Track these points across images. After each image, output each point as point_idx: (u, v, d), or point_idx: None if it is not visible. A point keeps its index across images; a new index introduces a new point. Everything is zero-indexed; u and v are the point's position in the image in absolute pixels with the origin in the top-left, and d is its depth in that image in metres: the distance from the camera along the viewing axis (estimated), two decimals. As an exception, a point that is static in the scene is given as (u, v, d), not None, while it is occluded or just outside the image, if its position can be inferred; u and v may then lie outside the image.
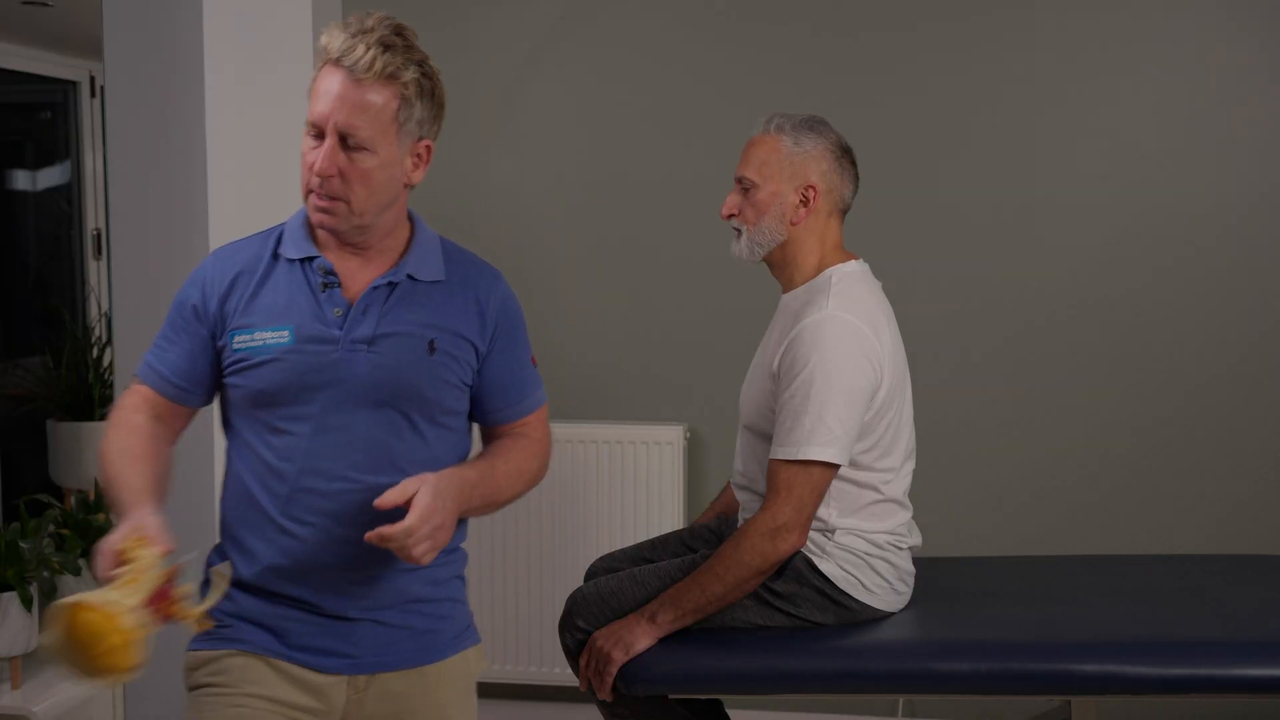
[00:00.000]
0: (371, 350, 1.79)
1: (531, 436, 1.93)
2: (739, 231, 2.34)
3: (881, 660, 2.20)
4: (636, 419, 3.32)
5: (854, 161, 2.34)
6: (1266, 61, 3.11)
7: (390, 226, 1.83)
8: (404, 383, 1.79)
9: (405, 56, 1.75)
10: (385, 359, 1.79)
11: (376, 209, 1.78)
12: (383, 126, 1.75)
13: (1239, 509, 3.17)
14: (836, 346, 2.17)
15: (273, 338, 1.79)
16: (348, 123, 1.73)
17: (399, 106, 1.75)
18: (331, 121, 1.74)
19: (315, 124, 1.76)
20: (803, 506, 2.17)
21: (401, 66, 1.74)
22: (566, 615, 2.33)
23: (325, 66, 1.77)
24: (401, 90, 1.75)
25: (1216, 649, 2.15)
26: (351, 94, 1.73)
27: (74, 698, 2.71)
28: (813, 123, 2.31)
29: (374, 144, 1.74)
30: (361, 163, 1.74)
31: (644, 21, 3.33)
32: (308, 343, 1.78)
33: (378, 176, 1.76)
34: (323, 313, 1.79)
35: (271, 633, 1.81)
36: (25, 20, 2.84)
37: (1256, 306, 3.14)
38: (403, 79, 1.74)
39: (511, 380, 1.90)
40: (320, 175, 1.74)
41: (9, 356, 2.98)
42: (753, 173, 2.30)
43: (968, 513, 3.25)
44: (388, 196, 1.79)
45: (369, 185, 1.76)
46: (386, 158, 1.76)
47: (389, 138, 1.76)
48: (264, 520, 1.79)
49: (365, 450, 1.78)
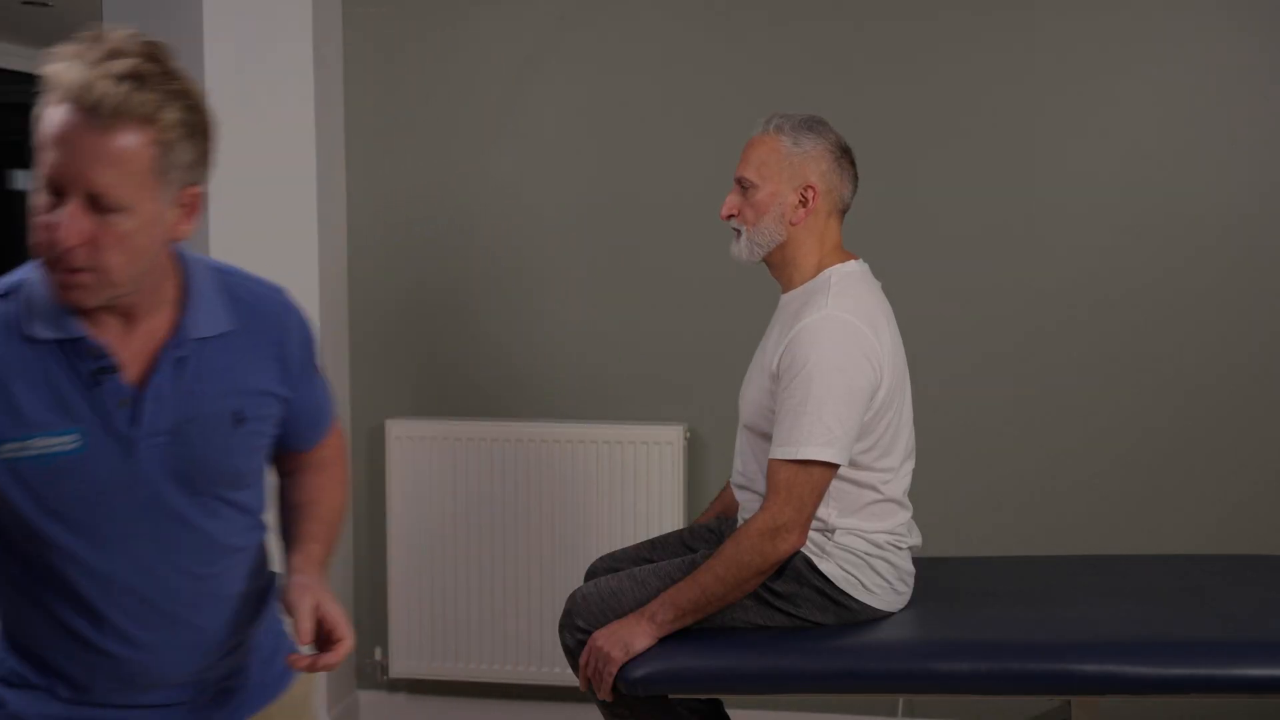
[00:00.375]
0: (175, 441, 1.53)
1: (330, 459, 1.80)
2: (738, 232, 2.34)
3: (881, 660, 2.20)
4: (636, 419, 3.32)
5: (853, 162, 2.34)
6: (1267, 61, 3.11)
7: (158, 280, 1.51)
8: (214, 467, 1.56)
9: (163, 89, 1.40)
10: (191, 449, 1.54)
11: (138, 274, 1.45)
12: (139, 181, 1.39)
13: (1239, 509, 3.17)
14: (836, 346, 2.17)
15: (57, 444, 1.47)
16: (95, 181, 1.37)
17: (157, 154, 1.40)
18: (74, 179, 1.38)
19: (52, 180, 1.39)
20: (803, 506, 2.17)
21: (159, 104, 1.39)
22: (566, 615, 2.33)
23: (58, 104, 1.39)
24: (158, 135, 1.40)
25: (1216, 649, 2.15)
26: (96, 143, 1.37)
27: (74, 698, 2.70)
28: (812, 123, 2.31)
29: (130, 202, 1.39)
30: (117, 226, 1.39)
31: (644, 21, 3.33)
32: (100, 444, 1.49)
33: (138, 240, 1.41)
34: (104, 405, 1.49)
35: None
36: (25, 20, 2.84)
37: (1257, 307, 3.14)
38: (161, 120, 1.40)
39: (315, 408, 1.75)
40: (65, 247, 1.38)
41: (9, 356, 2.99)
42: (752, 173, 2.30)
43: (968, 513, 3.25)
44: (150, 258, 1.46)
45: (127, 251, 1.41)
46: (147, 216, 1.41)
47: (148, 192, 1.41)
48: (76, 643, 1.55)
49: (190, 547, 1.57)
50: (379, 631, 3.50)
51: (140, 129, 1.38)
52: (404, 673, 3.43)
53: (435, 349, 3.45)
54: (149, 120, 1.39)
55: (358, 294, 3.48)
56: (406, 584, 3.38)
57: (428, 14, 3.41)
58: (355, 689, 3.55)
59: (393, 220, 3.46)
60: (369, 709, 3.54)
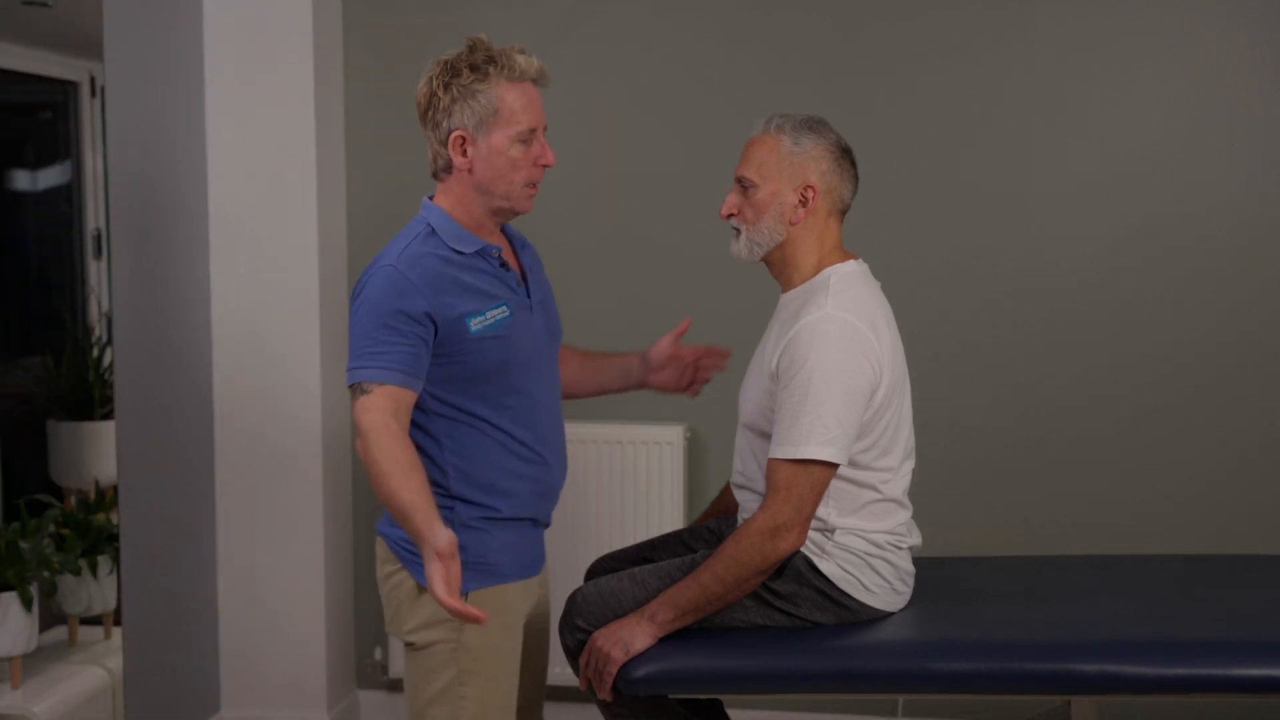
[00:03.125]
0: (543, 308, 2.28)
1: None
2: (738, 231, 2.34)
3: (881, 660, 2.20)
4: (636, 419, 3.32)
5: (854, 162, 2.34)
6: (1267, 61, 3.10)
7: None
8: (557, 327, 2.34)
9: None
10: (550, 313, 2.32)
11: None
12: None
13: (1239, 509, 3.17)
14: (835, 346, 2.17)
15: (498, 314, 2.16)
16: (545, 121, 2.22)
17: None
18: (542, 123, 2.19)
19: (533, 128, 2.17)
20: (802, 506, 2.17)
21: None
22: (566, 615, 2.33)
23: (518, 82, 2.17)
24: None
25: (1216, 649, 2.15)
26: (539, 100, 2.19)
27: (74, 697, 2.72)
28: (812, 123, 2.31)
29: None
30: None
31: (646, 19, 3.33)
32: (517, 312, 2.19)
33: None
34: (510, 286, 2.21)
35: (520, 557, 2.24)
36: (25, 20, 2.84)
37: (1257, 307, 3.14)
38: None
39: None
40: (550, 164, 2.20)
41: (9, 356, 2.98)
42: (752, 173, 2.30)
43: (968, 513, 3.25)
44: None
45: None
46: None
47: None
48: (524, 460, 2.21)
49: (553, 383, 2.31)
50: (379, 631, 3.50)
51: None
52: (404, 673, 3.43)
53: (435, 349, 3.45)
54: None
55: (358, 294, 3.48)
56: (406, 584, 3.38)
57: (428, 13, 3.41)
58: (355, 689, 3.55)
59: (393, 220, 3.44)
60: (369, 709, 3.54)
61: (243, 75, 3.28)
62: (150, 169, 3.10)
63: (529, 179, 2.18)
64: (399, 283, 2.10)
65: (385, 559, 2.25)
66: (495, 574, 2.20)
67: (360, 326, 2.11)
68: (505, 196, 2.18)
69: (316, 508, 3.33)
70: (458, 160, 2.16)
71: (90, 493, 3.01)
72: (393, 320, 2.08)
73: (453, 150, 2.16)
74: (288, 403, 3.32)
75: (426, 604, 2.16)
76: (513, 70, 2.14)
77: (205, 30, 3.28)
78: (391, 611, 2.26)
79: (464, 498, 2.19)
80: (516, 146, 2.15)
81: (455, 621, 2.13)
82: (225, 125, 3.31)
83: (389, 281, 2.10)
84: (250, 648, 3.38)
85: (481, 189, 2.18)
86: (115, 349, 2.98)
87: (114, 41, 2.93)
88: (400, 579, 2.21)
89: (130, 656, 2.99)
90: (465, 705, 2.18)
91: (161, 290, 3.17)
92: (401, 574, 2.21)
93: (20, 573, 2.64)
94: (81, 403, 3.15)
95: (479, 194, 2.18)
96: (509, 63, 2.14)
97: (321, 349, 3.32)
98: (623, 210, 3.36)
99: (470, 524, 2.18)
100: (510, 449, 2.20)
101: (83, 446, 3.16)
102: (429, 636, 2.19)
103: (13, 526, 2.73)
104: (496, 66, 2.14)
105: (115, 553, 2.94)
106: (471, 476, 2.19)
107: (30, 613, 2.65)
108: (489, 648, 2.19)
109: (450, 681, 2.19)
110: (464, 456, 2.18)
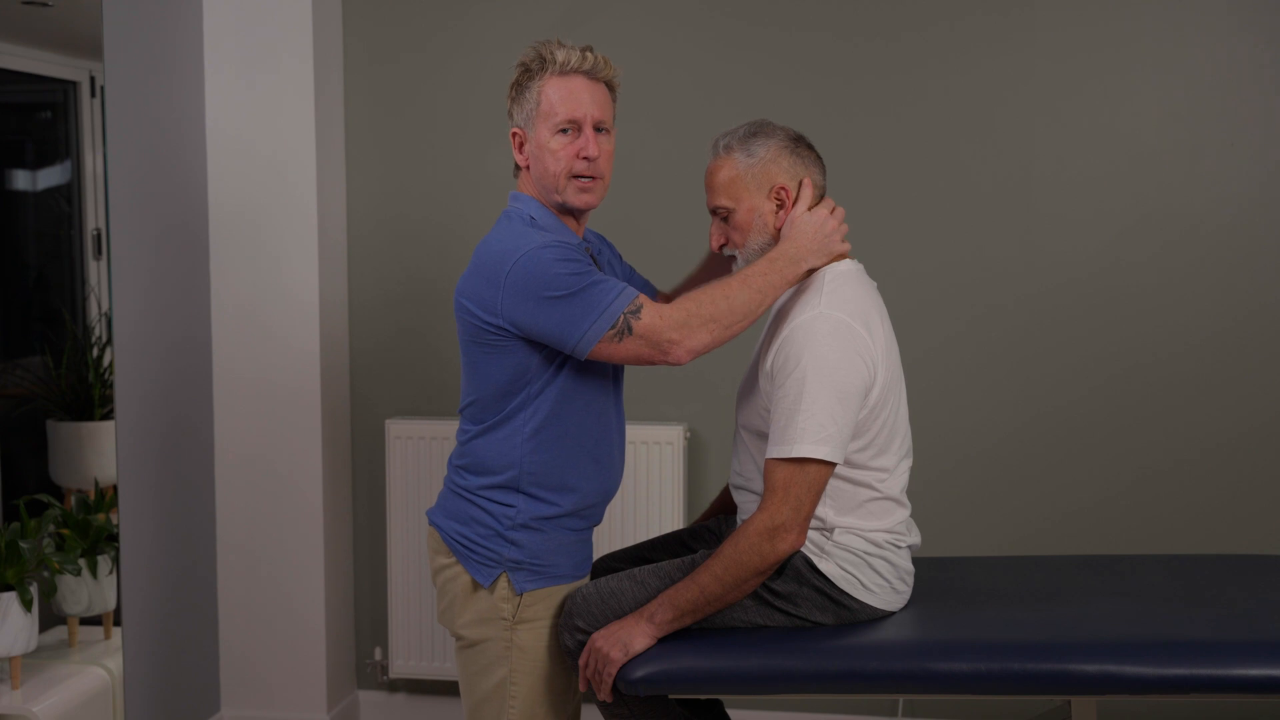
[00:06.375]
0: None
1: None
2: (734, 256, 2.36)
3: (881, 660, 2.20)
4: (636, 419, 3.32)
5: (810, 145, 2.34)
6: (1267, 61, 3.10)
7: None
8: None
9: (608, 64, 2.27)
10: None
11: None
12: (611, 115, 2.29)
13: (1239, 509, 3.17)
14: (829, 345, 2.17)
15: None
16: (600, 117, 2.22)
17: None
18: (587, 117, 2.20)
19: (573, 119, 2.19)
20: (800, 505, 2.17)
21: (614, 71, 2.27)
22: (566, 615, 2.33)
23: (566, 76, 2.21)
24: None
25: (1216, 649, 2.14)
26: (597, 94, 2.22)
27: (74, 697, 2.72)
28: (755, 129, 2.32)
29: (612, 127, 2.28)
30: (604, 145, 2.25)
31: (644, 23, 3.33)
32: None
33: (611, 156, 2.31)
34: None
35: (574, 557, 2.28)
36: (25, 20, 2.84)
37: (1257, 307, 3.14)
38: (614, 80, 2.31)
39: None
40: (593, 156, 2.20)
41: (9, 356, 2.98)
42: (723, 199, 2.33)
43: (968, 513, 3.25)
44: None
45: (610, 164, 2.28)
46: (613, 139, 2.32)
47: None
48: (595, 461, 2.25)
49: (621, 384, 2.36)
50: (379, 631, 3.50)
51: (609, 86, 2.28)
52: (404, 673, 3.44)
53: (435, 349, 3.45)
54: (612, 81, 2.28)
55: (358, 294, 3.48)
56: (406, 584, 3.38)
57: (428, 13, 3.41)
58: (355, 689, 3.55)
59: (393, 221, 3.46)
60: (369, 709, 3.54)
61: (243, 75, 3.28)
62: (150, 169, 3.11)
63: (569, 170, 2.20)
64: (563, 250, 2.14)
65: (438, 550, 2.30)
66: (551, 575, 2.26)
67: (559, 293, 2.10)
68: (555, 190, 2.22)
69: (317, 508, 3.33)
70: (517, 158, 2.26)
71: (90, 493, 3.01)
72: (580, 266, 2.12)
73: (514, 148, 2.26)
74: (288, 403, 3.32)
75: (481, 600, 2.23)
76: (554, 64, 2.19)
77: (205, 30, 3.29)
78: (445, 604, 2.30)
79: (530, 493, 2.22)
80: (556, 138, 2.19)
81: (508, 620, 2.21)
82: (225, 125, 3.31)
83: (555, 257, 2.12)
84: (250, 648, 3.38)
85: (539, 184, 2.24)
86: (115, 349, 2.98)
87: (114, 41, 2.93)
88: (455, 573, 2.26)
89: (130, 656, 2.99)
90: (515, 705, 2.23)
91: (161, 290, 3.17)
92: (456, 568, 2.26)
93: (20, 573, 2.64)
94: (81, 403, 3.15)
95: (540, 190, 2.25)
96: (550, 57, 2.20)
97: (321, 349, 3.32)
98: (622, 210, 3.36)
99: (529, 524, 2.23)
100: (587, 448, 2.24)
101: (83, 446, 3.16)
102: (481, 633, 2.24)
103: (13, 526, 2.73)
104: (542, 63, 2.20)
105: (115, 553, 2.94)
106: (542, 477, 2.22)
107: (30, 613, 2.65)
108: (541, 648, 2.26)
109: (502, 680, 2.24)
110: (543, 455, 2.21)
